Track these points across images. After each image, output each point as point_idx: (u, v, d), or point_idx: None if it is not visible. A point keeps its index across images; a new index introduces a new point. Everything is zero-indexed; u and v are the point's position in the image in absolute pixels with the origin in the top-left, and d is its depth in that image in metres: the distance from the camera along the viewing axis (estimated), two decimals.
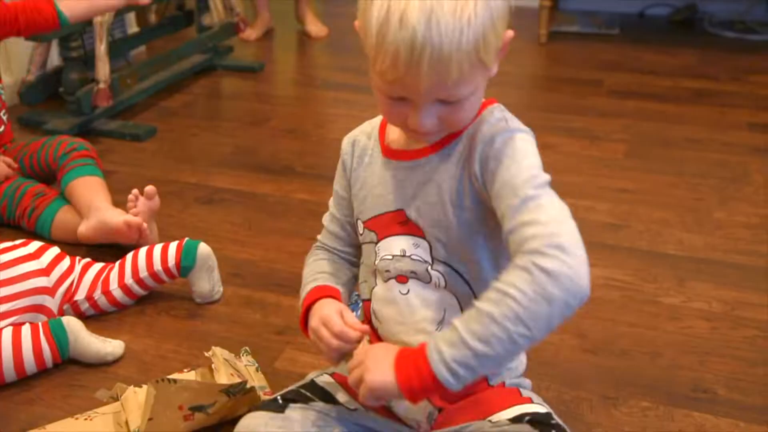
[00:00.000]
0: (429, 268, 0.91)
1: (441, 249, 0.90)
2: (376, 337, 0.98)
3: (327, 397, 0.97)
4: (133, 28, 2.86)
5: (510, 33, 0.83)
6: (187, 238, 1.44)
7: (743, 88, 2.60)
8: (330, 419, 0.95)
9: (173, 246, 1.42)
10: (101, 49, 2.18)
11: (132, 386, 1.14)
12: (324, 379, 1.01)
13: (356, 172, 0.98)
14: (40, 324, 1.26)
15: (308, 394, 0.97)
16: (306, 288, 0.99)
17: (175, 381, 1.04)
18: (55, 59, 2.33)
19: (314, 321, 0.93)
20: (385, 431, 0.96)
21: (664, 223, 1.74)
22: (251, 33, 3.13)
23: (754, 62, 2.85)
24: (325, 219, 1.06)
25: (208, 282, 1.43)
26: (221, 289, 1.47)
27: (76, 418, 1.13)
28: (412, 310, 0.93)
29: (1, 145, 1.79)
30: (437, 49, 0.75)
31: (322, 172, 2.01)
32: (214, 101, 2.61)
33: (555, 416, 0.91)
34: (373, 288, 0.96)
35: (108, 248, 1.61)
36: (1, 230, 1.70)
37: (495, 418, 0.91)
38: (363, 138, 0.99)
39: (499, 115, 0.87)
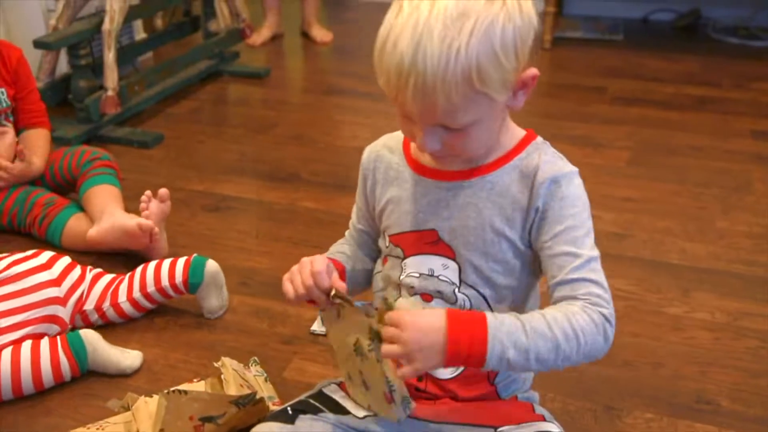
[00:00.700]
0: (456, 290, 0.93)
1: (471, 273, 0.92)
2: None
3: (336, 407, 0.99)
4: (140, 35, 2.88)
5: (533, 71, 0.83)
6: (195, 255, 1.45)
7: (746, 95, 2.61)
8: (339, 429, 0.96)
9: (181, 262, 1.43)
10: (110, 57, 2.20)
11: (143, 396, 1.16)
12: (333, 389, 1.03)
13: (382, 188, 0.98)
14: (58, 338, 1.27)
15: (317, 404, 0.99)
16: None
17: (185, 392, 1.06)
18: (63, 67, 2.35)
19: (304, 258, 0.93)
20: None
21: (668, 232, 1.75)
22: (256, 38, 3.15)
23: (757, 69, 2.86)
24: (351, 221, 1.08)
25: (216, 299, 1.45)
26: (227, 304, 1.48)
27: (88, 428, 1.15)
28: None
29: None
30: (422, 77, 0.77)
31: (328, 179, 2.03)
32: (220, 107, 2.63)
33: None
34: (397, 299, 0.97)
35: (117, 257, 1.64)
36: (12, 238, 1.72)
37: (506, 430, 0.92)
38: (386, 153, 0.98)
39: (552, 151, 0.91)
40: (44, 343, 1.26)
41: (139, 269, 1.45)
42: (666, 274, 1.59)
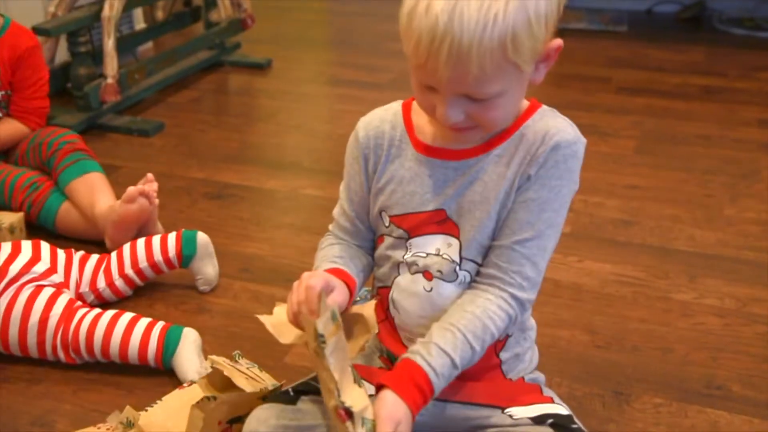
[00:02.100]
0: (457, 268, 0.91)
1: (473, 248, 0.90)
2: (391, 325, 0.97)
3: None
4: (140, 24, 2.86)
5: (558, 41, 0.81)
6: (183, 230, 1.45)
7: (753, 85, 2.58)
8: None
9: (172, 237, 1.43)
10: (109, 44, 2.18)
11: (144, 410, 1.10)
12: None
13: (383, 166, 0.94)
14: (159, 323, 1.26)
15: (319, 385, 0.96)
16: (320, 268, 0.95)
17: (214, 398, 1.03)
18: (62, 54, 2.33)
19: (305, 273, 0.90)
20: None
21: (675, 219, 1.73)
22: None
23: (763, 59, 2.84)
24: (336, 212, 1.03)
25: (212, 267, 1.46)
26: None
27: (99, 428, 1.11)
28: (433, 306, 0.92)
29: None
30: (457, 41, 0.74)
31: (330, 167, 2.00)
32: (221, 97, 2.61)
33: (576, 420, 0.90)
34: (396, 277, 0.94)
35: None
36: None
37: (514, 412, 0.90)
38: (387, 128, 0.93)
39: (562, 117, 0.89)
40: (143, 321, 1.25)
41: (127, 246, 1.44)
42: (674, 261, 1.56)
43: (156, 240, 1.43)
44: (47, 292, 1.25)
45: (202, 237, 1.45)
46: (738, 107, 2.39)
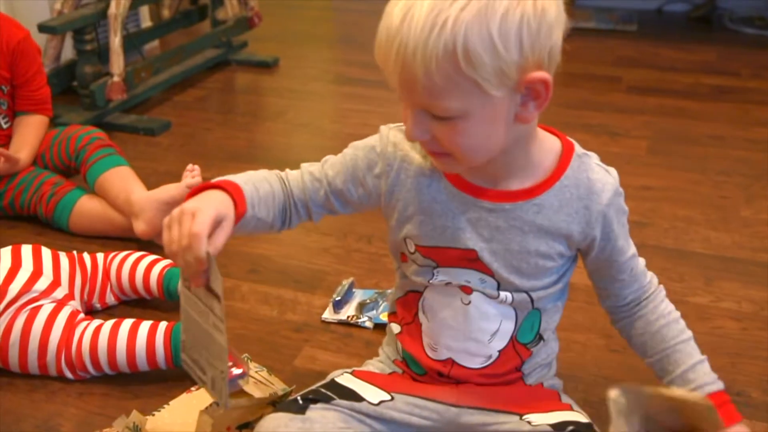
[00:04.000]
0: (497, 290, 0.90)
1: (510, 286, 0.89)
2: (416, 329, 0.95)
3: (349, 395, 0.94)
4: (146, 23, 2.84)
5: (542, 74, 0.74)
6: (168, 269, 1.37)
7: (766, 84, 2.55)
8: (351, 419, 0.92)
9: (156, 271, 1.37)
10: (116, 41, 2.16)
11: (151, 414, 1.09)
12: (346, 378, 0.98)
13: (407, 193, 0.89)
14: (162, 324, 1.21)
15: (329, 393, 0.94)
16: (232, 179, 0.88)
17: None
18: (68, 52, 2.31)
19: (190, 203, 0.81)
20: (410, 420, 0.93)
21: (690, 220, 1.70)
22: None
23: None
24: (306, 166, 0.95)
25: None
26: None
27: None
28: (469, 320, 0.91)
29: None
30: (404, 43, 0.72)
31: None
32: (228, 96, 2.59)
33: (596, 429, 0.88)
34: (430, 279, 0.92)
35: (124, 244, 1.59)
36: (15, 224, 1.68)
37: (533, 419, 0.88)
38: (415, 156, 0.89)
39: (596, 163, 0.88)
40: (144, 325, 1.20)
41: (114, 266, 1.39)
42: (689, 263, 1.54)
43: (140, 271, 1.36)
44: (45, 311, 1.19)
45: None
46: (751, 107, 2.36)
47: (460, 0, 0.71)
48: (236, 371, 0.90)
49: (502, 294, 0.89)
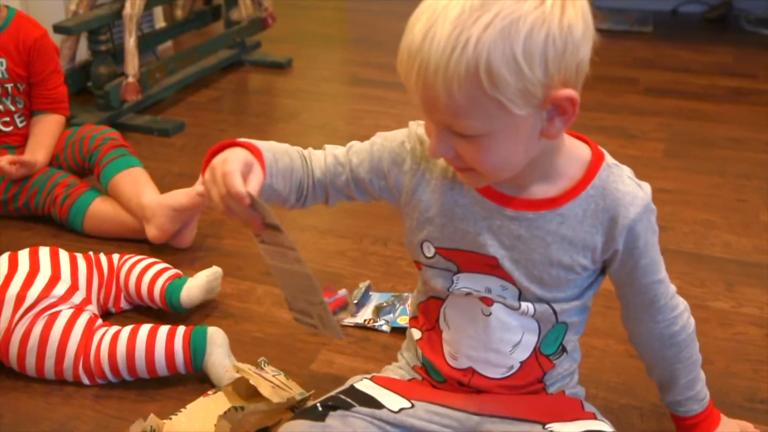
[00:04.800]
0: (518, 300, 0.88)
1: (531, 296, 0.87)
2: (437, 336, 0.94)
3: (369, 401, 0.93)
4: (160, 23, 2.84)
5: (569, 92, 0.72)
6: (169, 282, 1.34)
7: None
8: (372, 426, 0.91)
9: (159, 285, 1.34)
10: (130, 42, 2.16)
11: (168, 418, 1.08)
12: (365, 384, 0.97)
13: (431, 194, 0.88)
14: (180, 328, 1.20)
15: (349, 399, 0.93)
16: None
17: (242, 408, 1.00)
18: (83, 53, 2.31)
19: (218, 159, 0.80)
20: (430, 428, 0.92)
21: (710, 224, 1.68)
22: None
23: None
24: (334, 153, 0.92)
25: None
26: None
27: None
28: (490, 331, 0.89)
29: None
30: (425, 63, 0.70)
31: None
32: (242, 96, 2.58)
33: None
34: (449, 287, 0.90)
35: (138, 247, 1.59)
36: (30, 225, 1.68)
37: (556, 428, 0.87)
38: (442, 161, 0.88)
39: (626, 176, 0.86)
40: (162, 330, 1.19)
41: (123, 272, 1.37)
42: (710, 268, 1.52)
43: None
44: (63, 317, 1.18)
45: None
46: None
47: (483, 18, 0.68)
48: (338, 296, 0.90)
49: (524, 305, 0.88)
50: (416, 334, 0.98)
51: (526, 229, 0.84)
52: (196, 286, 1.33)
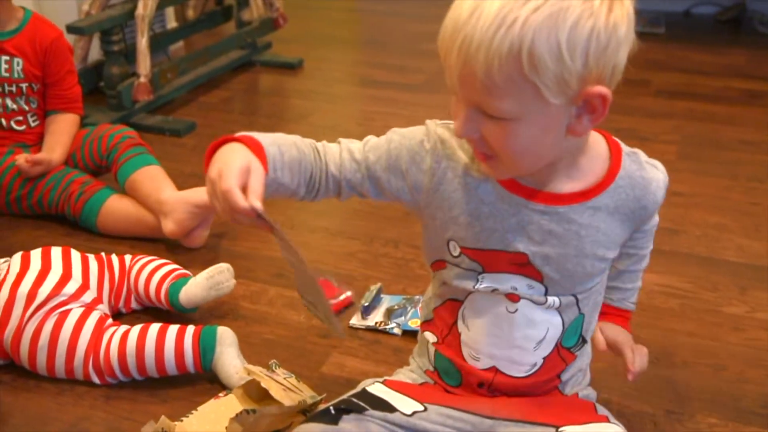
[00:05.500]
0: (544, 295, 0.89)
1: (559, 290, 0.88)
2: (454, 339, 0.94)
3: (382, 405, 0.93)
4: (171, 23, 2.84)
5: (601, 89, 0.73)
6: (172, 283, 1.34)
7: None
8: (385, 429, 0.90)
9: (165, 287, 1.34)
10: (142, 42, 2.16)
11: (179, 420, 1.08)
12: (378, 388, 0.97)
13: (453, 193, 0.87)
14: (190, 327, 1.20)
15: (361, 403, 0.92)
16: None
17: (253, 411, 1.00)
18: (95, 53, 2.31)
19: (211, 168, 0.79)
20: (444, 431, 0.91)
21: (722, 228, 1.67)
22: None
23: None
24: (350, 148, 0.90)
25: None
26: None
27: None
28: (514, 328, 0.89)
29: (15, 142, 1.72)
30: (469, 38, 0.71)
31: None
32: (253, 97, 2.59)
33: None
34: (471, 294, 0.90)
35: (151, 247, 1.59)
36: (42, 224, 1.69)
37: (569, 430, 0.86)
38: (461, 156, 0.86)
39: (645, 160, 0.89)
40: (172, 329, 1.20)
41: (134, 273, 1.37)
42: (722, 272, 1.51)
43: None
44: (74, 315, 1.19)
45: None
46: None
47: (532, 1, 0.70)
48: (341, 298, 0.93)
49: (550, 299, 0.88)
50: (431, 337, 0.97)
51: (557, 223, 0.84)
52: (194, 284, 1.32)
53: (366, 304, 1.36)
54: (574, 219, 0.84)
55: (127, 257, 1.40)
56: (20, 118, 1.71)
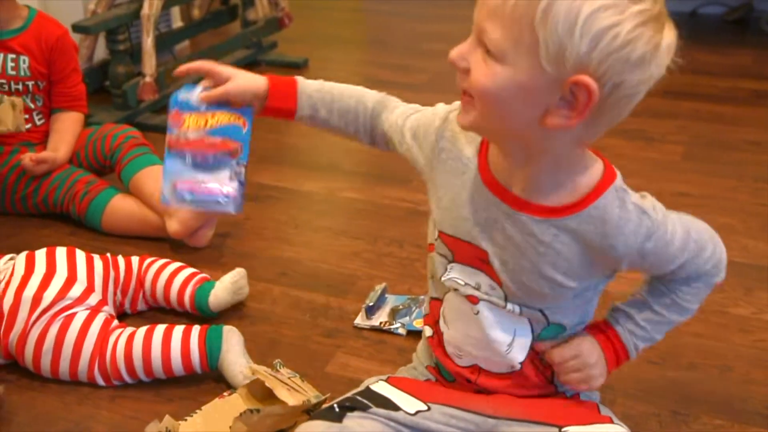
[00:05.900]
0: (504, 300, 0.88)
1: (518, 301, 0.87)
2: (439, 338, 0.95)
3: (385, 403, 0.93)
4: (177, 23, 2.85)
5: (588, 80, 0.70)
6: (199, 286, 1.35)
7: None
8: (389, 428, 0.90)
9: (189, 290, 1.35)
10: (148, 42, 2.16)
11: (184, 419, 1.08)
12: (381, 386, 0.97)
13: (444, 173, 0.89)
14: (196, 327, 1.21)
15: (365, 401, 0.92)
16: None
17: (258, 411, 1.00)
18: (101, 52, 2.32)
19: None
20: (447, 431, 0.91)
21: (728, 228, 1.66)
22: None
23: None
24: (397, 100, 1.03)
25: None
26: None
27: None
28: (481, 329, 0.89)
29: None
30: None
31: (367, 170, 1.97)
32: None
33: None
34: (447, 293, 0.91)
35: (155, 247, 1.59)
36: (47, 223, 1.69)
37: (573, 430, 0.86)
38: (462, 139, 0.88)
39: (633, 201, 0.81)
40: (177, 330, 1.20)
41: (150, 275, 1.37)
42: (729, 273, 1.46)
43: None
44: (79, 319, 1.19)
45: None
46: None
47: None
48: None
49: (510, 305, 0.87)
50: (428, 331, 0.99)
51: (519, 232, 0.83)
52: (222, 288, 1.34)
53: (371, 304, 1.36)
54: (535, 233, 0.82)
55: (134, 259, 1.40)
56: (26, 116, 1.72)
